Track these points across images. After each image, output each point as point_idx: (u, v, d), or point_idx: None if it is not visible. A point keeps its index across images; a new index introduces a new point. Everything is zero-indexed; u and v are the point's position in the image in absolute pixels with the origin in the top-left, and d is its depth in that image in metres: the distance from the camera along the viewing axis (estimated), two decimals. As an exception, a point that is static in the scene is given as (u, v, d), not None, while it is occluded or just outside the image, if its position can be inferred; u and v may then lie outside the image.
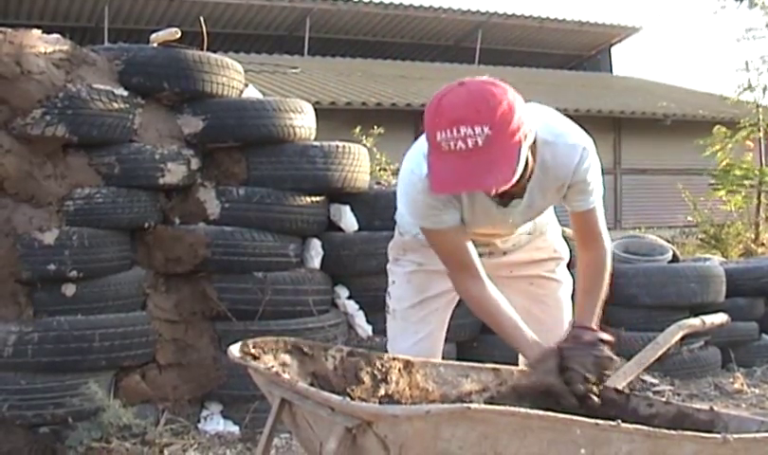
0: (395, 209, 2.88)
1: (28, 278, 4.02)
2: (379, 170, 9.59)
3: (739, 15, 22.78)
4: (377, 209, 4.95)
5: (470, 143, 2.14)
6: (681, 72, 59.04)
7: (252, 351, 2.22)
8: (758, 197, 12.42)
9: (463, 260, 2.58)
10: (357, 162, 4.96)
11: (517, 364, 2.82)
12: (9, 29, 4.12)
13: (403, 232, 2.94)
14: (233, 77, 4.77)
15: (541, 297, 2.84)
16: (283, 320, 4.50)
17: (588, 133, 2.63)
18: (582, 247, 2.71)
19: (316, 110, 5.15)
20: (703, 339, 6.12)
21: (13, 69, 3.97)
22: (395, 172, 10.27)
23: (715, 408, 2.50)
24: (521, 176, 2.36)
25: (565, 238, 3.05)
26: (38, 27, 4.37)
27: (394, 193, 2.80)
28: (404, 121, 14.41)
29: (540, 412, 1.84)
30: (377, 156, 9.81)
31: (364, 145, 5.85)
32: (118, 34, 15.57)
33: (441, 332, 2.95)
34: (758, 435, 2.11)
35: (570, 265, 3.01)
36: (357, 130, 9.65)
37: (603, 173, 2.64)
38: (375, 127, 9.99)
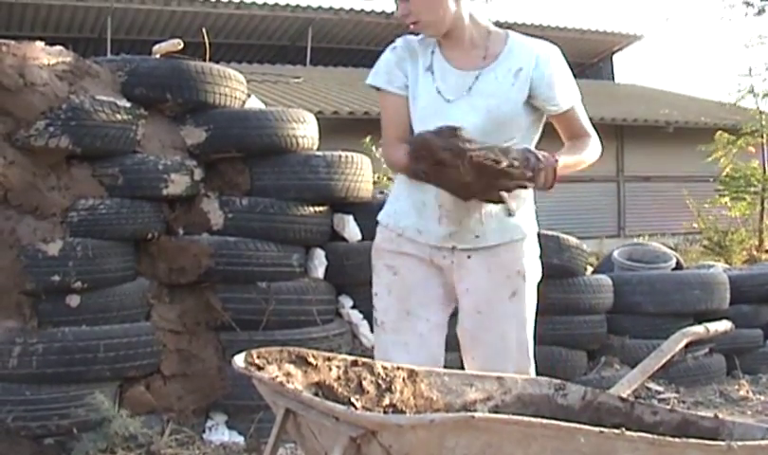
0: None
1: (33, 289, 4.02)
2: (387, 179, 9.56)
3: (745, 22, 22.85)
4: (381, 219, 4.95)
5: None
6: (682, 79, 59.06)
7: (256, 361, 2.22)
8: (762, 204, 12.44)
9: (397, 135, 2.87)
10: (360, 171, 4.97)
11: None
12: (13, 41, 4.13)
13: (381, 222, 2.94)
14: (236, 87, 4.78)
15: (482, 332, 2.80)
16: (287, 330, 4.50)
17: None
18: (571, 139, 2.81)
19: (318, 120, 5.15)
20: (707, 347, 6.12)
21: (17, 81, 3.99)
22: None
23: (720, 415, 2.50)
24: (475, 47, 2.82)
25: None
26: (41, 39, 4.39)
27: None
28: (407, 130, 14.39)
29: (544, 420, 1.84)
30: (384, 165, 9.75)
31: (369, 153, 5.84)
32: (121, 45, 15.62)
33: (433, 340, 2.85)
34: (762, 442, 2.11)
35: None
36: (368, 140, 9.58)
37: (606, 181, 2.66)
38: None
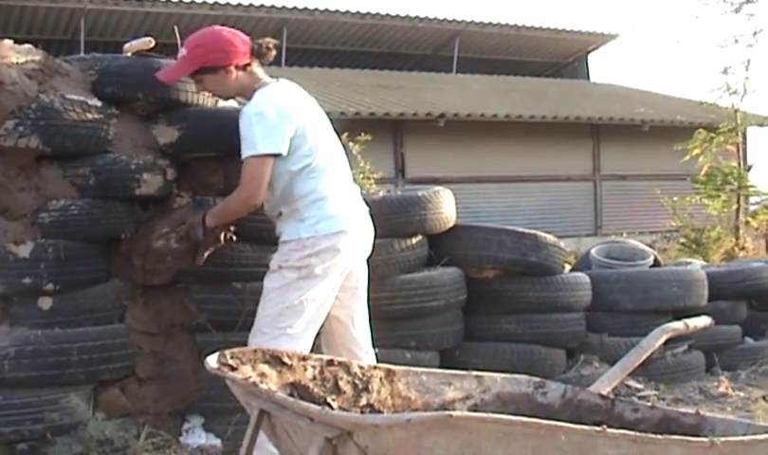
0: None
1: (4, 291, 3.95)
2: (363, 178, 9.54)
3: (720, 21, 22.98)
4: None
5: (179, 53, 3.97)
6: (658, 78, 59.42)
7: (230, 361, 2.18)
8: (738, 201, 12.54)
9: None
10: (336, 170, 4.92)
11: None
12: (-19, 40, 4.07)
13: None
14: (209, 86, 4.72)
15: None
16: (263, 331, 4.44)
17: (567, 139, 2.62)
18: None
19: (294, 119, 5.10)
20: (686, 343, 6.14)
21: (-16, 80, 3.92)
22: (378, 181, 10.25)
23: (701, 411, 2.48)
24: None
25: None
26: (14, 40, 4.31)
27: (376, 202, 2.79)
28: (383, 130, 14.42)
29: (524, 419, 1.81)
30: (362, 164, 9.76)
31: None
32: (95, 47, 15.50)
33: None
34: (744, 438, 2.09)
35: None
36: (344, 136, 9.58)
37: (582, 180, 2.63)
38: (363, 134, 9.96)
